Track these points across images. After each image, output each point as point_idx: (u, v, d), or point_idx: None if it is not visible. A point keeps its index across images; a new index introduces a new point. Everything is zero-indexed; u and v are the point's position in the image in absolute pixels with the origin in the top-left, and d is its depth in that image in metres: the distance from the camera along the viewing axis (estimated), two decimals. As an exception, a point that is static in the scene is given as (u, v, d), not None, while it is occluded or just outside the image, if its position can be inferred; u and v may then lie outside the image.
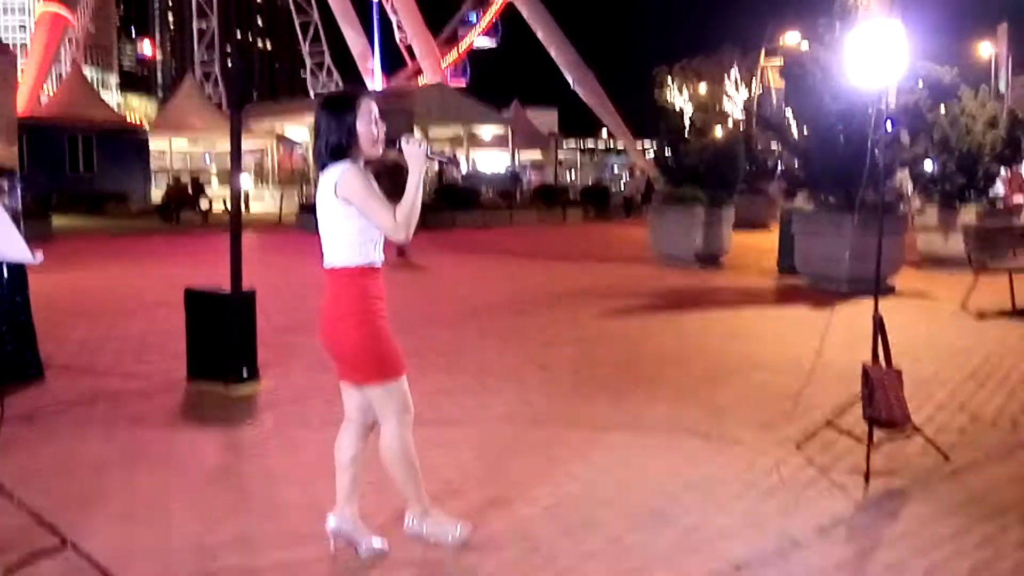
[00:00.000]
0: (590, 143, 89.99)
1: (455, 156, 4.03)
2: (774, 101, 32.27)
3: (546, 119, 68.61)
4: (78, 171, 33.80)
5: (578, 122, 79.10)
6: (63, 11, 53.90)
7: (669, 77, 32.40)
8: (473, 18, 72.44)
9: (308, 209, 25.94)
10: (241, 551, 3.80)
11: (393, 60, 71.42)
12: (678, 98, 32.87)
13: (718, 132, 18.04)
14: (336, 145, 3.61)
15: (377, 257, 3.67)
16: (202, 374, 6.67)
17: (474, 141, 51.52)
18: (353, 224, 3.59)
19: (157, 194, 32.81)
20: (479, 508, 4.27)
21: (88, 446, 5.26)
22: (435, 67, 66.18)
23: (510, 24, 71.33)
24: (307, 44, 73.56)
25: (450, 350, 8.16)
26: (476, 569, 3.68)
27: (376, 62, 50.55)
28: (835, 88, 12.08)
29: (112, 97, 79.60)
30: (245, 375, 6.61)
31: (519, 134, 53.75)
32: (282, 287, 12.09)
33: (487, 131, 51.57)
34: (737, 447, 5.31)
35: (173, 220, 27.56)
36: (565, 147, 71.88)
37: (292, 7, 74.17)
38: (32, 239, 13.50)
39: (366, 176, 3.58)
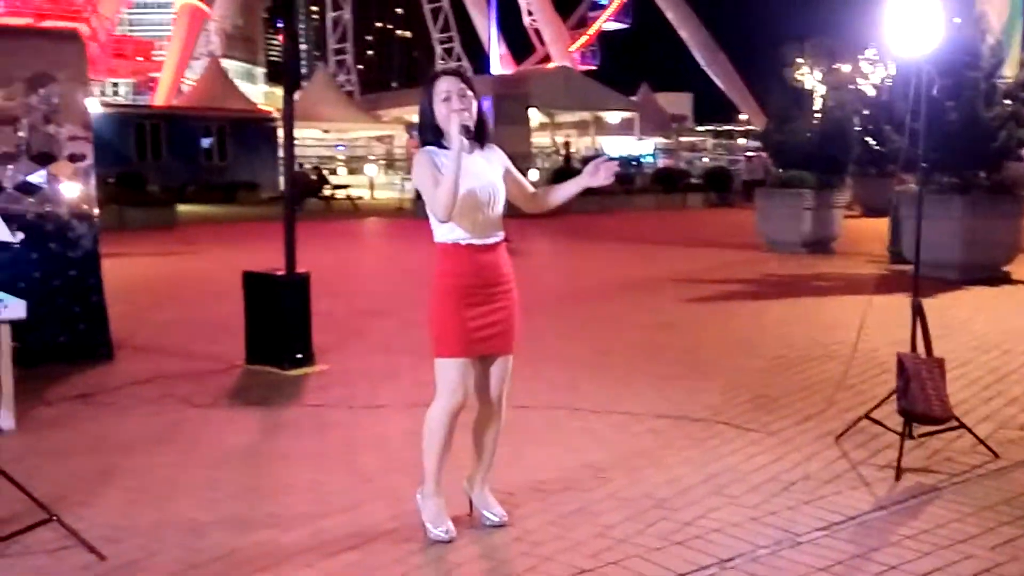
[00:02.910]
0: (727, 127, 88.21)
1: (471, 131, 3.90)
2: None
3: (679, 103, 67.62)
4: (212, 161, 35.10)
5: (714, 106, 77.66)
6: (201, 4, 56.11)
7: (800, 56, 31.39)
8: (603, 1, 71.87)
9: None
10: (230, 530, 3.86)
11: (523, 45, 71.67)
12: (809, 77, 31.85)
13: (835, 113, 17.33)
14: (420, 132, 3.72)
15: (465, 235, 3.64)
16: (259, 356, 6.84)
17: (600, 126, 51.13)
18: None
19: (287, 183, 33.70)
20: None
21: (127, 424, 5.46)
22: (564, 51, 66.03)
23: (641, 5, 70.54)
24: (437, 30, 74.44)
25: (517, 336, 8.11)
26: (454, 550, 3.65)
27: (493, 46, 50.66)
28: (943, 61, 11.45)
29: (258, 88, 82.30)
30: (299, 357, 6.73)
31: (647, 119, 53.10)
32: (377, 272, 12.34)
33: (614, 116, 51.07)
34: (772, 439, 5.11)
35: (297, 208, 28.33)
36: (698, 131, 70.59)
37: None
38: (157, 226, 14.20)
39: (429, 161, 3.59)
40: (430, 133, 3.68)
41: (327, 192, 29.38)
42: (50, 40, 7.28)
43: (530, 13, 69.56)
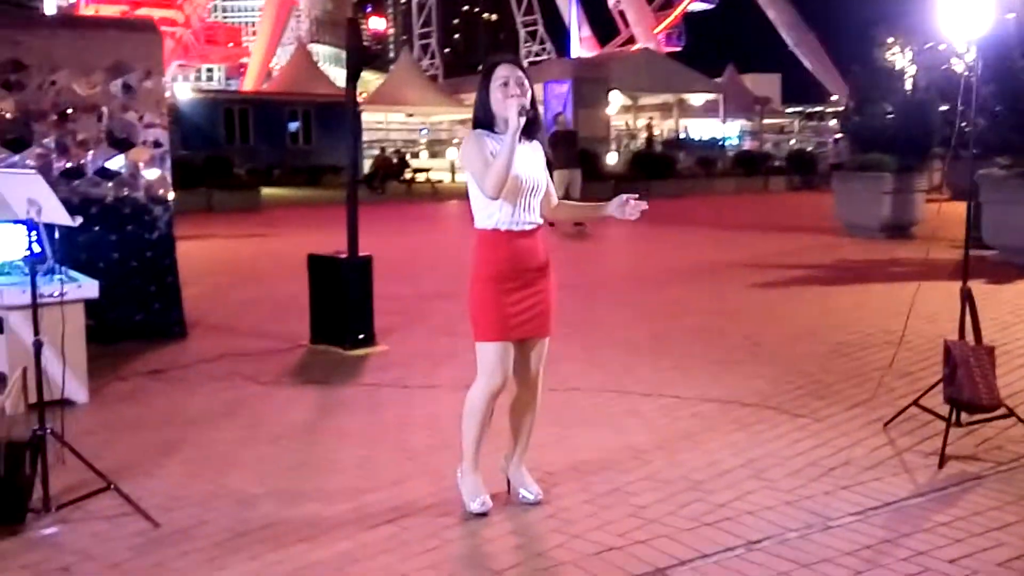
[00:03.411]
0: (817, 108, 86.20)
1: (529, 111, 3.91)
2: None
3: (767, 85, 66.36)
4: (298, 144, 35.74)
5: (804, 87, 76.00)
6: (289, -10, 57.27)
7: (892, 35, 30.59)
8: (689, -18, 70.95)
9: (504, 179, 26.41)
10: (278, 503, 4.04)
11: (608, 28, 71.20)
12: (900, 57, 31.01)
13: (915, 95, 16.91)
14: (474, 116, 3.82)
15: (506, 221, 3.73)
16: (323, 336, 7.05)
17: (684, 109, 50.54)
18: (474, 189, 3.77)
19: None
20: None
21: (194, 400, 5.71)
22: (648, 33, 65.42)
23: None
24: (521, 13, 74.47)
25: (576, 320, 8.18)
26: (488, 525, 3.78)
27: (573, 29, 50.53)
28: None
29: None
30: (361, 338, 6.92)
31: (732, 101, 52.29)
32: (447, 255, 12.48)
33: (697, 98, 50.42)
34: (819, 425, 5.11)
35: (379, 191, 28.73)
36: (786, 113, 69.21)
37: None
38: (243, 209, 14.59)
39: (480, 142, 3.70)
40: (483, 119, 3.78)
41: (407, 175, 29.72)
42: (127, 30, 7.57)
43: (614, -6, 69.07)
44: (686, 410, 5.41)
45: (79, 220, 4.03)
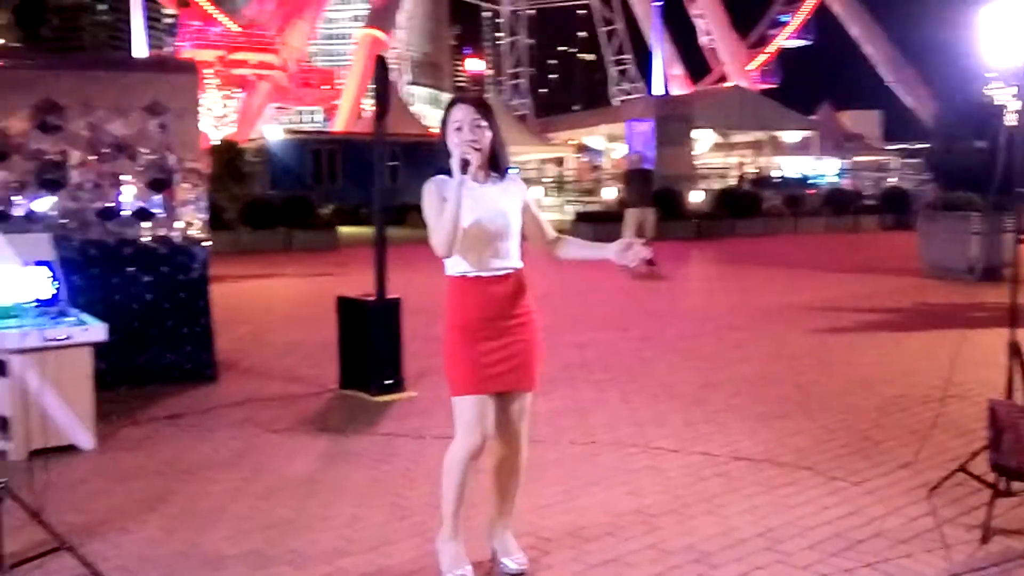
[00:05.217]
0: (919, 145, 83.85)
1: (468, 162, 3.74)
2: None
3: (866, 121, 64.86)
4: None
5: (906, 123, 73.98)
6: (380, 34, 58.09)
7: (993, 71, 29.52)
8: (783, 19, 69.99)
9: (584, 218, 26.11)
10: (248, 566, 3.79)
11: (700, 66, 70.62)
12: (1002, 91, 29.87)
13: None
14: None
15: (471, 268, 3.50)
16: (351, 382, 6.84)
17: (776, 146, 49.63)
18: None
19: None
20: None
21: (201, 448, 5.52)
22: (740, 70, 64.64)
23: (823, 21, 68.30)
24: (611, 52, 74.37)
25: (619, 364, 7.84)
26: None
27: (656, 67, 50.12)
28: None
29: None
30: (388, 384, 6.68)
31: (828, 138, 51.22)
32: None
33: (791, 135, 49.49)
34: (855, 489, 4.65)
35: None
36: (886, 149, 67.43)
37: (597, 17, 75.28)
38: (321, 248, 14.67)
39: (435, 191, 3.46)
40: (447, 162, 3.52)
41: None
42: (164, 70, 7.57)
43: (708, 33, 68.51)
44: (712, 469, 5.01)
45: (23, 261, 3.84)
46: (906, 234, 26.02)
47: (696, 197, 29.24)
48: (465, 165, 3.37)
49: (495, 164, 3.56)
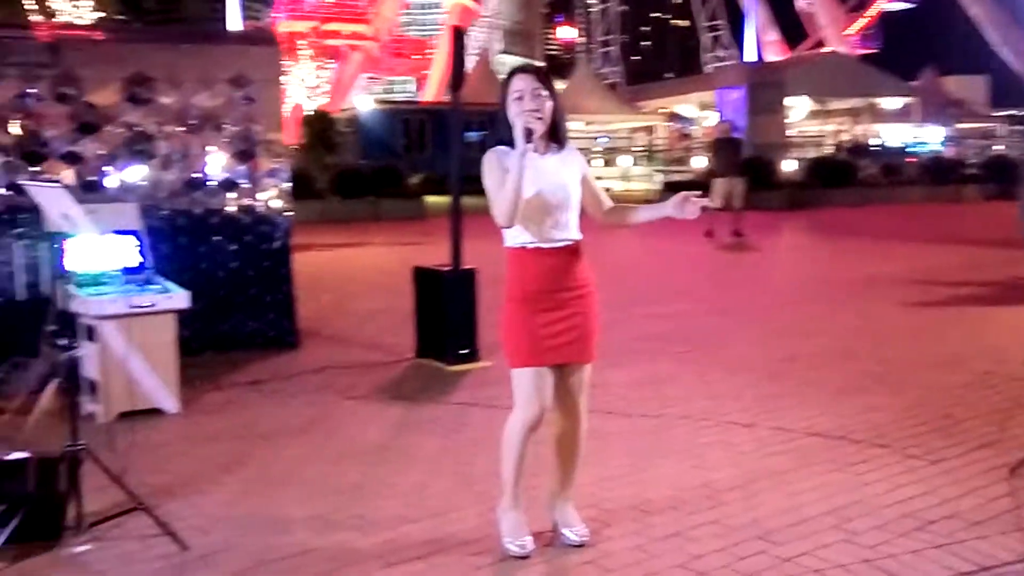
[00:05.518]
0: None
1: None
2: None
3: (971, 87, 62.47)
4: (471, 153, 36.13)
5: (1017, 89, 70.92)
6: (470, 3, 57.96)
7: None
8: (885, -20, 67.60)
9: (672, 187, 25.81)
10: (313, 529, 3.88)
11: (797, 31, 68.79)
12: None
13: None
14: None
15: (531, 239, 3.52)
16: (427, 351, 6.92)
17: (875, 113, 48.14)
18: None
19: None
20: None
21: (279, 413, 5.66)
22: (839, 35, 62.71)
23: (926, -18, 65.72)
24: (704, 19, 72.89)
25: (697, 338, 7.76)
26: (522, 568, 3.51)
27: (749, 34, 48.93)
28: None
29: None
30: (463, 353, 6.74)
31: (930, 104, 49.47)
32: (595, 266, 12.16)
33: (891, 102, 47.93)
34: (932, 468, 4.53)
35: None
36: (993, 116, 64.90)
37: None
38: (408, 217, 14.83)
39: (496, 162, 3.46)
40: (507, 132, 3.52)
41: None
42: (248, 43, 7.71)
43: (804, -4, 66.56)
44: (784, 444, 4.94)
45: (107, 230, 3.97)
46: (1009, 204, 25.09)
47: (789, 166, 28.62)
48: (529, 134, 3.36)
49: (555, 135, 3.55)
